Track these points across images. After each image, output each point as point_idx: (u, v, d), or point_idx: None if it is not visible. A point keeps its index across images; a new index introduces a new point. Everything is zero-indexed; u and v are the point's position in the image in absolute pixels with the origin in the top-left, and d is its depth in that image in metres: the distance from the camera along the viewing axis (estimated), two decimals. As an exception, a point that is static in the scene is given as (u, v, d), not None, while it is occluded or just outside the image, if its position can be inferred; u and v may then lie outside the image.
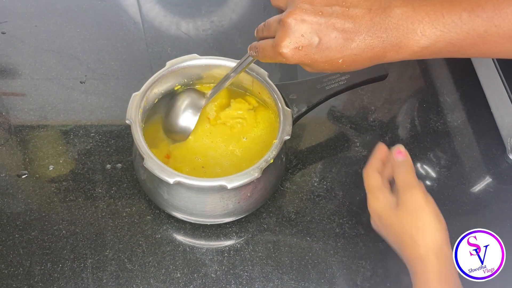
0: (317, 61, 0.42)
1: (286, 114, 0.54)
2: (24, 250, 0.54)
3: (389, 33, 0.40)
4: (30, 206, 0.58)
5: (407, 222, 0.47)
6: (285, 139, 0.51)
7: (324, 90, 0.58)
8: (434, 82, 0.75)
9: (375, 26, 0.40)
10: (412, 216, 0.47)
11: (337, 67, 0.42)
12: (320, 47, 0.41)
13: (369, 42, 0.40)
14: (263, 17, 0.81)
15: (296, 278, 0.55)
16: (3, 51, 0.72)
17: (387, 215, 0.48)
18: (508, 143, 0.65)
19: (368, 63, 0.42)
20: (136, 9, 0.80)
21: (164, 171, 0.48)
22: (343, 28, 0.40)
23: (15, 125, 0.65)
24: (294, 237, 0.58)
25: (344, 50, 0.41)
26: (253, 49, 0.47)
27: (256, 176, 0.48)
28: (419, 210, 0.47)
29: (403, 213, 0.47)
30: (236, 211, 0.54)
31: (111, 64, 0.72)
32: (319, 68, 0.43)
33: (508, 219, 0.61)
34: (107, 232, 0.56)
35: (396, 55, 0.41)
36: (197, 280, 0.54)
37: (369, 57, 0.41)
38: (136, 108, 0.52)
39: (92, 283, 0.53)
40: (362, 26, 0.40)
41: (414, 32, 0.40)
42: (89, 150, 0.63)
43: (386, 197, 0.49)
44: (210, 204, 0.53)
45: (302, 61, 0.42)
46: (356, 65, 0.42)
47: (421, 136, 0.68)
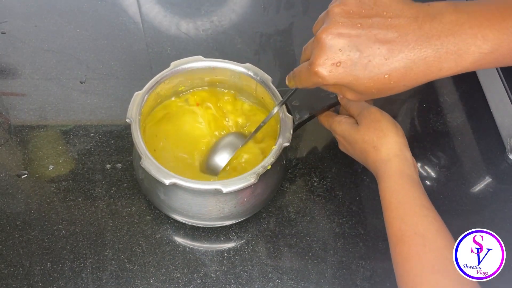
0: (359, 78, 0.38)
1: (287, 121, 0.53)
2: (24, 250, 0.54)
3: (444, 40, 0.36)
4: (30, 206, 0.58)
5: (368, 134, 0.50)
6: (284, 146, 0.51)
7: (328, 97, 0.57)
8: (434, 82, 0.75)
9: (425, 34, 0.36)
10: (372, 127, 0.50)
11: (384, 85, 0.38)
12: (362, 61, 0.37)
13: (419, 52, 0.36)
14: (263, 17, 0.81)
15: (296, 278, 0.55)
16: (3, 51, 0.72)
17: (350, 134, 0.52)
18: (508, 143, 0.65)
19: (422, 78, 0.38)
20: (136, 9, 0.80)
21: (161, 172, 0.47)
22: (386, 39, 0.36)
23: (15, 125, 0.65)
24: (294, 237, 0.58)
25: (390, 63, 0.36)
26: (290, 77, 0.46)
27: (253, 181, 0.48)
28: (377, 122, 0.50)
29: (363, 127, 0.51)
30: (232, 215, 0.54)
31: (111, 64, 0.72)
32: (363, 88, 0.38)
33: (508, 219, 0.61)
34: (107, 232, 0.56)
35: (455, 65, 0.36)
36: (197, 280, 0.54)
37: (421, 70, 0.37)
38: (137, 107, 0.52)
39: (92, 283, 0.53)
40: (409, 35, 0.36)
41: (474, 37, 0.35)
42: (89, 150, 0.63)
43: (347, 119, 0.54)
44: (206, 207, 0.52)
45: (342, 80, 0.38)
46: (406, 81, 0.38)
47: (421, 136, 0.68)
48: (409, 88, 0.39)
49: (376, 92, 0.39)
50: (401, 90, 0.39)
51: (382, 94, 0.39)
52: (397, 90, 0.39)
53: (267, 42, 0.78)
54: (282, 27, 0.80)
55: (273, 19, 0.81)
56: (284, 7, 0.83)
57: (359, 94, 0.40)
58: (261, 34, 0.79)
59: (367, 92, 0.39)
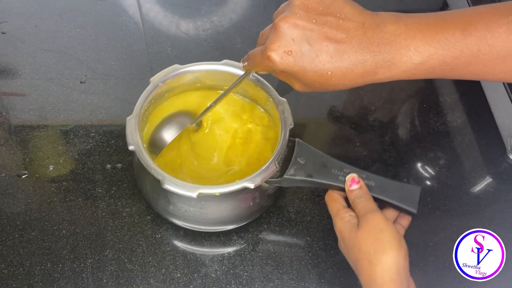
0: (305, 70, 0.40)
1: (283, 104, 0.54)
2: (24, 250, 0.54)
3: (381, 48, 0.39)
4: (30, 206, 0.58)
5: (367, 243, 0.45)
6: (290, 128, 0.52)
7: (332, 175, 0.51)
8: (434, 82, 0.75)
9: (367, 40, 0.39)
10: (372, 236, 0.45)
11: (327, 80, 0.40)
12: (310, 55, 0.39)
13: (360, 56, 0.39)
14: (263, 17, 0.81)
15: (296, 278, 0.55)
16: (3, 51, 0.72)
17: (349, 236, 0.47)
18: (508, 143, 0.65)
19: (360, 80, 0.40)
20: (136, 9, 0.80)
21: (186, 187, 0.47)
22: (335, 39, 0.39)
23: (15, 125, 0.65)
24: (294, 237, 0.58)
25: (334, 61, 0.39)
26: (244, 59, 0.47)
27: (275, 169, 0.49)
28: (379, 231, 0.45)
29: (363, 233, 0.46)
30: (230, 220, 0.55)
31: (111, 64, 0.72)
32: (308, 80, 0.41)
33: (508, 219, 0.61)
34: (107, 232, 0.56)
35: (389, 71, 0.40)
36: (197, 280, 0.54)
37: (360, 72, 0.40)
38: (134, 131, 0.51)
39: (92, 283, 0.53)
40: (355, 39, 0.39)
41: (407, 48, 0.39)
42: (89, 150, 0.63)
43: (351, 216, 0.48)
44: (233, 209, 0.53)
45: (290, 68, 0.40)
46: (346, 81, 0.40)
47: (421, 136, 0.68)
48: (348, 87, 0.41)
49: (319, 86, 0.41)
50: (341, 88, 0.41)
51: (324, 88, 0.42)
52: (338, 87, 0.41)
53: (267, 42, 0.78)
54: (282, 27, 0.80)
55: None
56: (284, 7, 0.83)
57: (304, 86, 0.42)
58: (261, 34, 0.79)
59: (311, 84, 0.41)
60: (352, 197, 0.49)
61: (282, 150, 0.51)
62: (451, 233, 0.59)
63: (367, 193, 0.49)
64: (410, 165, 0.65)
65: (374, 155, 0.66)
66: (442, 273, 0.56)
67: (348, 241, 0.47)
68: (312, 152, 0.52)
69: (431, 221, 0.60)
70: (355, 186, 0.49)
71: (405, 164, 0.65)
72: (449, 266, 0.56)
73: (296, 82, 0.43)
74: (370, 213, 0.47)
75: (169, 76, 0.56)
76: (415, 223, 0.60)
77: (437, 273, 0.56)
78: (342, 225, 0.48)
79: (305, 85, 0.42)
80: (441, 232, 0.59)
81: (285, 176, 0.51)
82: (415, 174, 0.64)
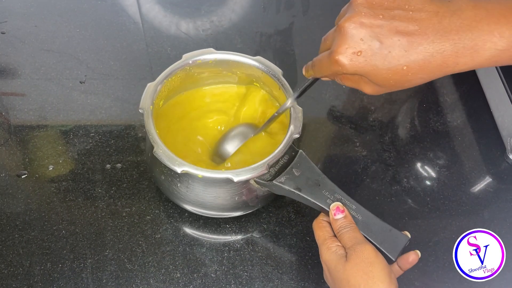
0: (378, 69, 0.38)
1: (297, 112, 0.53)
2: (24, 250, 0.54)
3: (461, 35, 0.36)
4: (29, 206, 0.58)
5: (355, 276, 0.43)
6: (294, 137, 0.52)
7: (321, 195, 0.50)
8: (434, 82, 0.75)
9: (444, 29, 0.36)
10: (361, 270, 0.43)
11: (402, 76, 0.38)
12: (382, 52, 0.37)
13: (438, 45, 0.36)
14: (263, 17, 0.81)
15: (296, 278, 0.55)
16: (3, 51, 0.72)
17: (336, 268, 0.45)
18: (508, 143, 0.65)
19: (438, 72, 0.38)
20: (136, 9, 0.80)
21: (173, 160, 0.48)
22: (407, 31, 0.37)
23: (15, 125, 0.65)
24: (294, 237, 0.58)
25: (409, 55, 0.37)
26: (308, 67, 0.45)
27: (263, 171, 0.49)
28: (369, 264, 0.43)
29: (351, 265, 0.43)
30: (242, 205, 0.55)
31: (111, 64, 0.72)
32: (381, 78, 0.39)
33: (508, 219, 0.61)
34: (107, 232, 0.56)
35: (471, 60, 0.37)
36: (197, 280, 0.54)
37: (438, 64, 0.37)
38: (150, 97, 0.53)
39: (92, 283, 0.53)
40: (429, 28, 0.37)
41: (491, 34, 0.36)
42: (89, 150, 0.63)
43: (338, 247, 0.46)
44: (217, 197, 0.53)
45: (361, 69, 0.38)
46: (423, 74, 0.38)
47: (421, 136, 0.68)
48: (426, 81, 0.39)
49: (393, 84, 0.39)
50: (418, 83, 0.39)
51: (399, 86, 0.40)
52: (414, 82, 0.39)
53: (267, 42, 0.78)
54: (282, 27, 0.80)
55: (273, 19, 0.82)
56: (284, 7, 0.83)
57: (377, 86, 0.40)
58: (261, 34, 0.79)
59: (385, 83, 0.39)
60: (337, 226, 0.47)
61: (278, 156, 0.50)
62: (451, 233, 0.59)
63: (352, 222, 0.47)
64: (410, 165, 0.65)
65: (374, 155, 0.66)
66: (442, 273, 0.56)
67: (335, 273, 0.45)
68: (310, 167, 0.52)
69: (431, 221, 0.60)
70: (340, 215, 0.47)
71: (405, 164, 0.65)
72: (449, 266, 0.56)
73: (367, 85, 0.41)
74: (359, 244, 0.44)
75: (202, 57, 0.57)
76: (415, 223, 0.60)
77: (437, 273, 0.56)
78: (328, 256, 0.46)
79: (377, 85, 0.40)
80: (441, 232, 0.59)
81: (274, 181, 0.50)
82: (415, 174, 0.64)
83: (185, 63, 0.56)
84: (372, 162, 0.65)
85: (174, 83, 0.57)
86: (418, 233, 0.59)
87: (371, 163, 0.65)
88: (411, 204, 0.61)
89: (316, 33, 0.80)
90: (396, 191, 0.62)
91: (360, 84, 0.41)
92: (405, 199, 0.62)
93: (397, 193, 0.62)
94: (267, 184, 0.51)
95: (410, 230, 0.58)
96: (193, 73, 0.58)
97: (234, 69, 0.59)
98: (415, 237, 0.58)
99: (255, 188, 0.53)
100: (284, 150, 0.51)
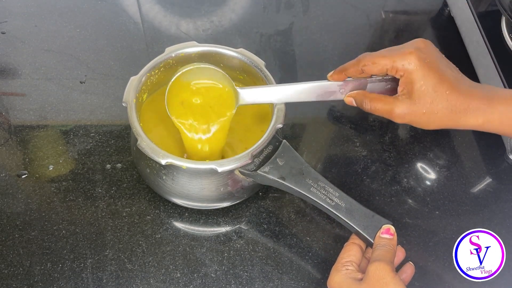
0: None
1: (280, 105, 0.54)
2: (24, 250, 0.54)
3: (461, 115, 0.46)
4: (30, 206, 0.58)
5: None
6: (277, 127, 0.52)
7: (304, 184, 0.51)
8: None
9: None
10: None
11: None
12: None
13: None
14: (263, 17, 0.81)
15: (296, 278, 0.55)
16: (3, 51, 0.72)
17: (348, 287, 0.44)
18: (508, 143, 0.65)
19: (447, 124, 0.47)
20: (136, 9, 0.80)
21: (157, 152, 0.49)
22: None
23: (15, 125, 0.65)
24: (294, 237, 0.58)
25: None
26: (358, 97, 0.50)
27: (247, 161, 0.49)
28: (385, 285, 0.41)
29: (366, 286, 0.42)
30: (228, 196, 0.55)
31: (111, 64, 0.72)
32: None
33: (508, 219, 0.61)
34: (107, 232, 0.56)
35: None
36: (197, 280, 0.54)
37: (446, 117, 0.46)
38: (133, 91, 0.53)
39: (92, 283, 0.53)
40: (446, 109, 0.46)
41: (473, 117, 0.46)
42: (89, 150, 0.63)
43: (354, 273, 0.45)
44: (203, 188, 0.53)
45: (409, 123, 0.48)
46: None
47: (421, 136, 0.68)
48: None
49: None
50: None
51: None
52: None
53: (267, 42, 0.78)
54: (282, 27, 0.80)
55: (273, 19, 0.82)
56: (284, 7, 0.83)
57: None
58: (261, 34, 0.79)
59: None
60: (378, 241, 0.46)
61: (261, 146, 0.51)
62: (451, 233, 0.59)
63: (393, 245, 0.46)
64: (410, 165, 0.65)
65: (374, 155, 0.66)
66: (442, 273, 0.56)
67: None
68: (294, 156, 0.52)
69: (431, 221, 0.60)
70: (387, 236, 0.47)
71: (405, 164, 0.65)
72: (449, 266, 0.56)
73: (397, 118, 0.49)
74: (378, 262, 0.43)
75: (184, 50, 0.57)
76: (415, 223, 0.60)
77: (437, 273, 0.56)
78: (341, 276, 0.45)
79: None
80: (441, 232, 0.59)
81: (258, 171, 0.51)
82: (415, 174, 0.64)
83: (168, 56, 0.57)
84: (372, 162, 0.65)
85: (158, 77, 0.57)
86: (418, 233, 0.59)
87: (371, 163, 0.65)
88: (411, 204, 0.61)
89: (316, 33, 0.80)
90: (396, 191, 0.62)
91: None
92: (405, 199, 0.62)
93: (397, 193, 0.62)
94: (251, 174, 0.51)
95: (410, 230, 0.59)
96: (176, 66, 0.58)
97: (217, 62, 0.59)
98: (415, 237, 0.59)
99: (240, 179, 0.53)
100: (268, 140, 0.51)
